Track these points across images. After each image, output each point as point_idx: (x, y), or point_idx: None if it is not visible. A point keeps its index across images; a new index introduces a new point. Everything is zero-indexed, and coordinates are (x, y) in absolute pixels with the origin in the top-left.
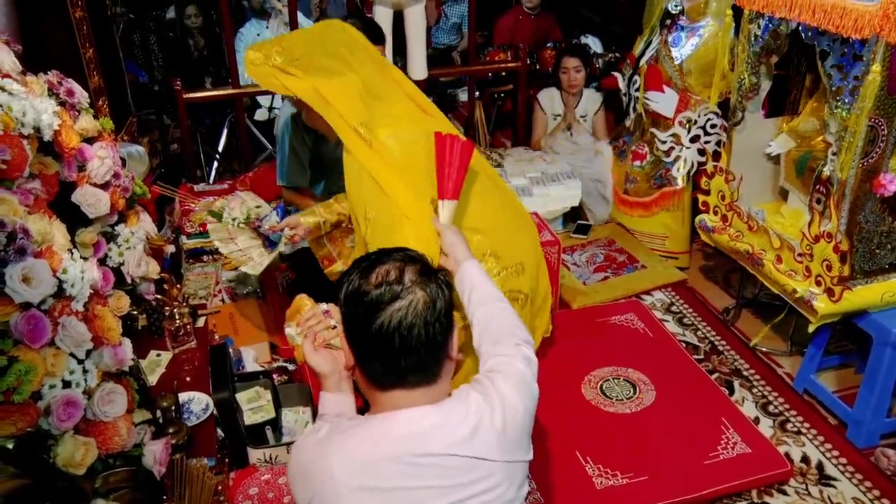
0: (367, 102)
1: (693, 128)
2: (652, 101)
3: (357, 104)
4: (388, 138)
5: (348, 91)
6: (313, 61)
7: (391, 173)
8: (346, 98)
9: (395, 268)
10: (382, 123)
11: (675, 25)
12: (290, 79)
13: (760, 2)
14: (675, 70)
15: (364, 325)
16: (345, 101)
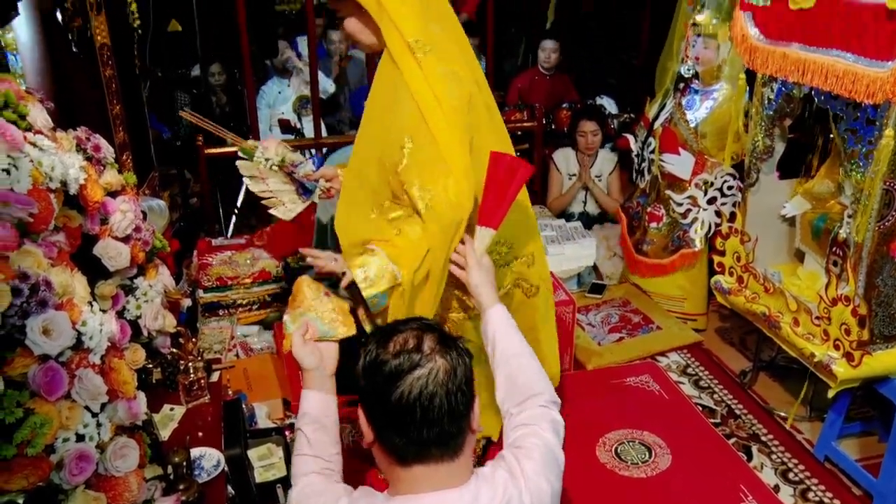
0: (426, 18)
1: (710, 189)
2: (668, 163)
3: (412, 15)
4: (443, 76)
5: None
6: None
7: (436, 111)
8: (403, 4)
9: (414, 336)
10: (438, 56)
11: (689, 89)
12: None
13: (773, 66)
14: (691, 132)
15: (383, 396)
16: (401, 9)
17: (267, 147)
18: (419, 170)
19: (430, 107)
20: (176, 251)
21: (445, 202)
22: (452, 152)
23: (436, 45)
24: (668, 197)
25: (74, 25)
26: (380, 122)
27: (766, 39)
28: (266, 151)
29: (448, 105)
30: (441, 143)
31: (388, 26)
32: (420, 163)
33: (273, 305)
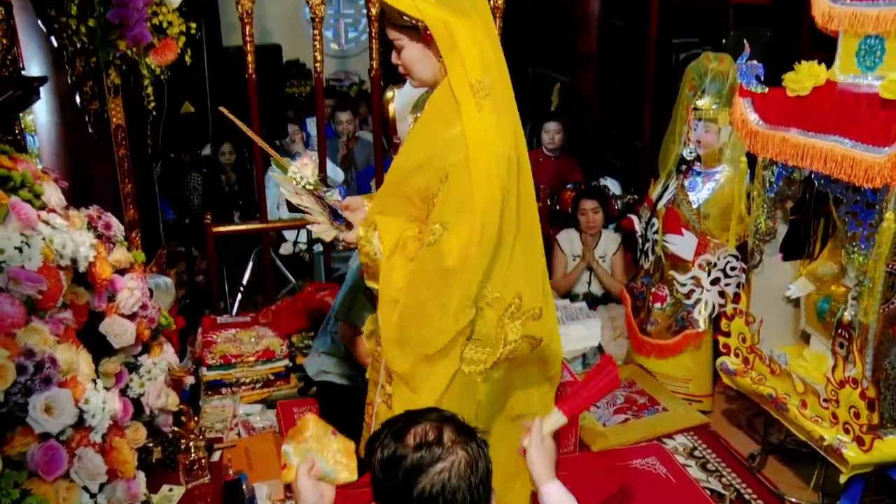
0: (485, 65)
1: (713, 270)
2: (671, 243)
3: (477, 57)
4: (496, 128)
5: (475, 36)
6: None
7: (483, 159)
8: (472, 45)
9: (433, 427)
10: (494, 104)
11: (691, 171)
12: (425, 3)
13: (773, 150)
14: (693, 214)
15: (403, 492)
16: (471, 48)
17: (304, 164)
18: (447, 208)
19: (478, 154)
20: (181, 328)
21: (447, 250)
22: (481, 208)
23: (492, 92)
24: (672, 277)
25: (91, 108)
26: (429, 146)
27: (765, 124)
28: (302, 168)
29: (494, 158)
30: (475, 195)
31: (456, 63)
32: (450, 202)
33: (276, 384)
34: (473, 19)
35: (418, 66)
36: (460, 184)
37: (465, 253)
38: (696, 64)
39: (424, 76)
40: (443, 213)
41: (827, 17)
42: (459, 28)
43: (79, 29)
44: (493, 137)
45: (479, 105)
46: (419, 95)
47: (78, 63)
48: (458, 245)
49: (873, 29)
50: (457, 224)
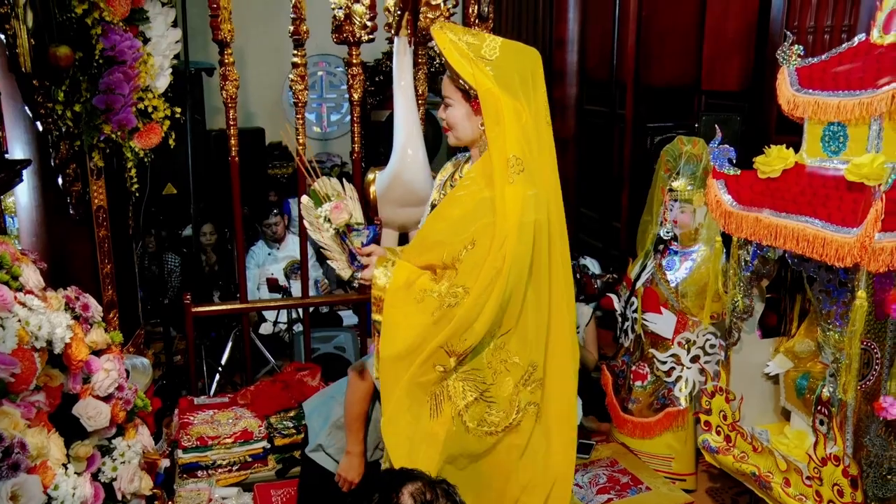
0: (528, 138)
1: (692, 348)
2: (650, 322)
3: (518, 134)
4: (526, 199)
5: (519, 115)
6: (508, 70)
7: (508, 223)
8: (515, 122)
9: (429, 489)
10: (529, 177)
11: (669, 250)
12: (479, 72)
13: (747, 230)
14: (672, 292)
15: None
16: (513, 125)
17: (339, 212)
18: (469, 269)
19: (504, 220)
20: (157, 410)
21: (464, 306)
22: (508, 269)
23: (529, 165)
24: (652, 356)
25: (74, 189)
26: (461, 207)
27: (738, 205)
28: (335, 214)
29: (517, 224)
30: (495, 250)
31: (498, 137)
32: (472, 263)
33: (254, 466)
34: (521, 101)
35: (461, 125)
36: (482, 248)
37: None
38: (671, 147)
39: (463, 136)
40: (468, 276)
41: (792, 105)
42: (507, 105)
43: (65, 114)
44: (519, 206)
45: (512, 179)
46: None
47: (62, 146)
48: (465, 302)
49: (835, 117)
50: (478, 283)
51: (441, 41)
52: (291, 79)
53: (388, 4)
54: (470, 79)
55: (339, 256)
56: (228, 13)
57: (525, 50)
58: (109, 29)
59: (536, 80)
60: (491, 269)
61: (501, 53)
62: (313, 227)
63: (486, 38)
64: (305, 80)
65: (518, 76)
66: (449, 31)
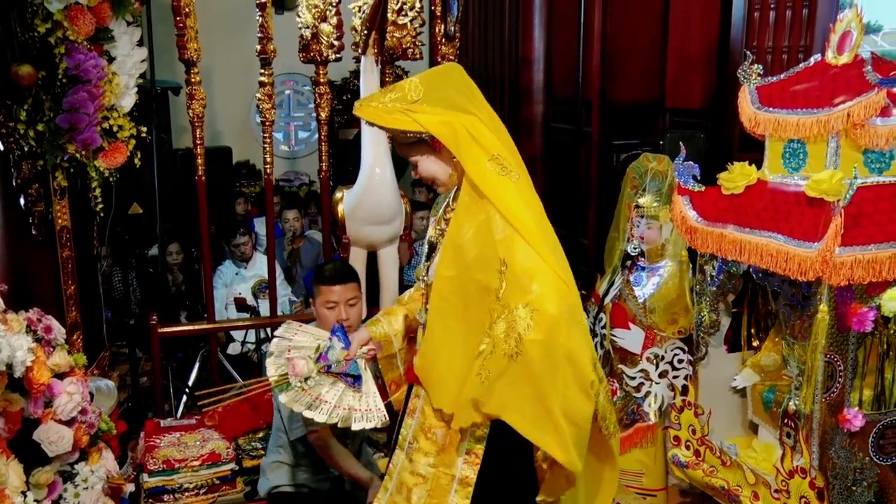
0: (502, 145)
1: (661, 363)
2: (619, 338)
3: (492, 138)
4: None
5: (482, 127)
6: (441, 94)
7: (528, 219)
8: (484, 131)
9: None
10: (515, 172)
11: (636, 266)
12: (418, 115)
13: (712, 246)
14: (640, 308)
15: None
16: (483, 132)
17: (297, 367)
18: (517, 288)
19: (522, 216)
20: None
21: (548, 311)
22: (548, 260)
23: (508, 165)
24: (621, 371)
25: (36, 210)
26: (469, 246)
27: (703, 221)
28: (300, 371)
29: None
30: (537, 250)
31: (470, 152)
32: (517, 281)
33: (222, 489)
34: (471, 112)
35: (439, 174)
36: (521, 254)
37: (558, 296)
38: (637, 164)
39: (448, 179)
40: (524, 294)
41: (753, 123)
42: (460, 121)
43: (27, 133)
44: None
45: (505, 171)
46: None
47: (24, 166)
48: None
49: (794, 134)
50: (543, 292)
51: (368, 114)
52: (259, 98)
53: (354, 24)
54: (413, 126)
55: (350, 401)
56: (195, 32)
57: (444, 69)
58: (73, 48)
59: (471, 90)
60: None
61: (425, 86)
62: (314, 409)
63: (405, 84)
64: (273, 99)
65: (453, 91)
66: (367, 102)
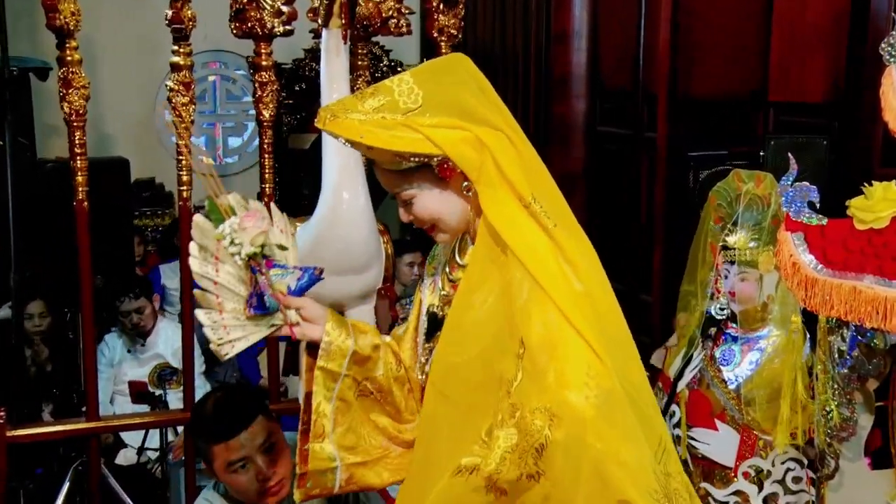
0: (526, 170)
1: (767, 482)
2: (701, 442)
3: (522, 169)
4: (577, 250)
5: (503, 145)
6: (448, 98)
7: (567, 286)
8: (515, 160)
9: None
10: (560, 220)
11: (724, 336)
12: (425, 130)
13: (841, 306)
14: (731, 398)
15: None
16: (513, 165)
17: (245, 228)
18: (533, 378)
19: (563, 291)
20: None
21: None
22: (581, 326)
23: (553, 209)
24: (706, 493)
25: None
26: (489, 329)
27: (826, 270)
28: (240, 232)
29: (591, 283)
30: (568, 315)
31: (494, 177)
32: (533, 365)
33: None
34: (500, 127)
35: (446, 214)
36: (539, 322)
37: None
38: (724, 186)
39: (456, 222)
40: (540, 389)
41: None
42: (489, 143)
43: None
44: (580, 263)
45: (546, 227)
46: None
47: None
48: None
49: None
50: (563, 372)
51: (347, 130)
52: (169, 87)
53: None
54: (426, 147)
55: (228, 306)
56: None
57: (447, 62)
58: None
59: (488, 92)
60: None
61: (424, 87)
62: (204, 257)
63: (392, 86)
64: (191, 90)
65: (466, 93)
66: (342, 113)
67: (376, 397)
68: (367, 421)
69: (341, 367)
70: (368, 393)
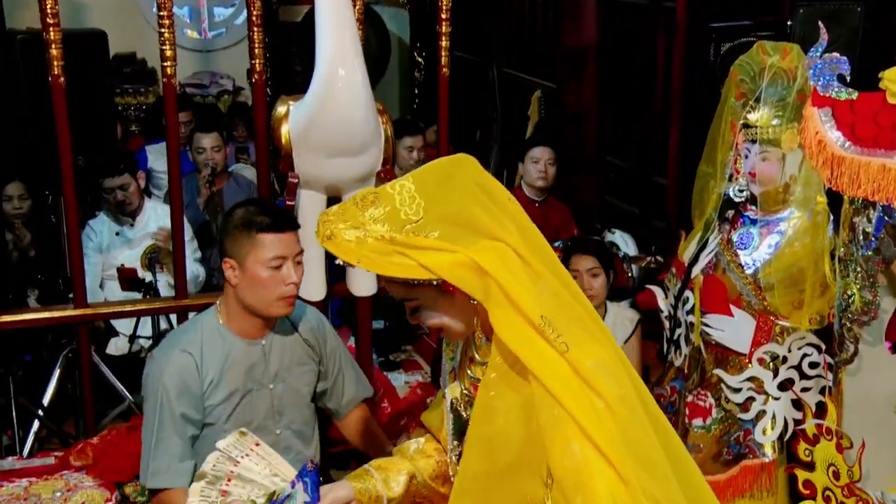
0: (540, 288)
1: (782, 368)
2: (715, 328)
3: (530, 286)
4: (595, 368)
5: (506, 261)
6: (451, 209)
7: (595, 412)
8: (519, 274)
9: None
10: (572, 336)
11: (742, 218)
12: (426, 253)
13: (868, 185)
14: (748, 283)
15: None
16: (516, 283)
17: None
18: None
19: (585, 409)
20: None
21: None
22: (623, 462)
23: (565, 322)
24: (719, 380)
25: None
26: (511, 446)
27: (854, 147)
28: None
29: (611, 399)
30: (608, 452)
31: (504, 309)
32: (563, 499)
33: None
34: (503, 238)
35: (452, 324)
36: (561, 451)
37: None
38: (747, 59)
39: (463, 329)
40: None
41: None
42: (492, 262)
43: None
44: (599, 380)
45: (558, 348)
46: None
47: None
48: None
49: None
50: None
51: (345, 254)
52: None
53: None
54: (422, 273)
55: None
56: None
57: (450, 165)
58: None
59: (493, 193)
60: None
61: (426, 197)
62: None
63: (394, 193)
64: None
65: (470, 202)
66: (337, 225)
67: (426, 501)
68: None
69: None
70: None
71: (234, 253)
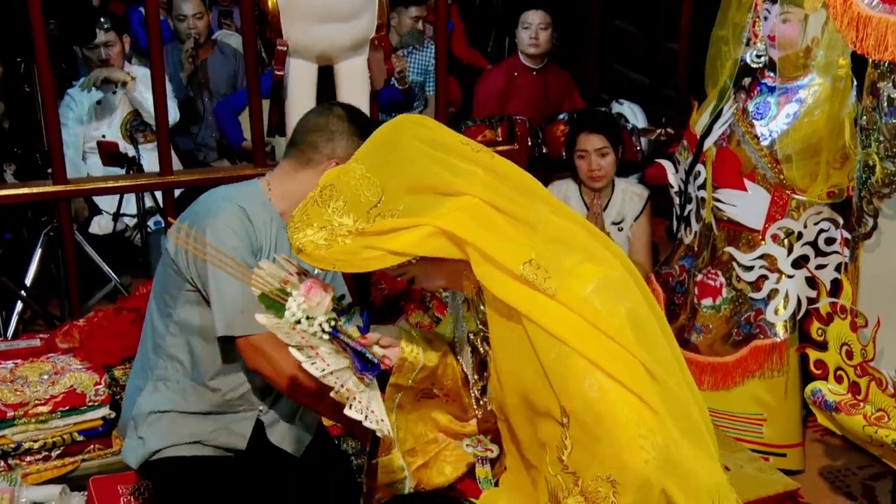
0: (522, 229)
1: (797, 244)
2: (728, 204)
3: (509, 234)
4: (592, 295)
5: (477, 215)
6: (408, 177)
7: (599, 342)
8: (482, 224)
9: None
10: (565, 268)
11: (759, 86)
12: (395, 238)
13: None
14: (763, 155)
15: None
16: (487, 235)
17: (315, 299)
18: (587, 450)
19: (590, 342)
20: None
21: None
22: (639, 385)
23: (560, 252)
24: (730, 258)
25: None
26: (524, 380)
27: (882, 6)
28: (312, 308)
29: (612, 327)
30: (626, 381)
31: (484, 266)
32: (584, 435)
33: (89, 448)
34: (467, 191)
35: (448, 283)
36: (576, 388)
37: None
38: None
39: (461, 282)
40: (598, 461)
41: None
42: (461, 224)
43: None
44: (596, 308)
45: (550, 291)
46: None
47: None
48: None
49: None
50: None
51: (321, 262)
52: None
53: None
54: (396, 260)
55: (351, 383)
56: None
57: (391, 133)
58: None
59: (447, 144)
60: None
61: (378, 174)
62: (303, 353)
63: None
64: None
65: (426, 162)
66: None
67: (442, 399)
68: (425, 419)
69: (408, 381)
70: (434, 396)
71: (346, 156)
